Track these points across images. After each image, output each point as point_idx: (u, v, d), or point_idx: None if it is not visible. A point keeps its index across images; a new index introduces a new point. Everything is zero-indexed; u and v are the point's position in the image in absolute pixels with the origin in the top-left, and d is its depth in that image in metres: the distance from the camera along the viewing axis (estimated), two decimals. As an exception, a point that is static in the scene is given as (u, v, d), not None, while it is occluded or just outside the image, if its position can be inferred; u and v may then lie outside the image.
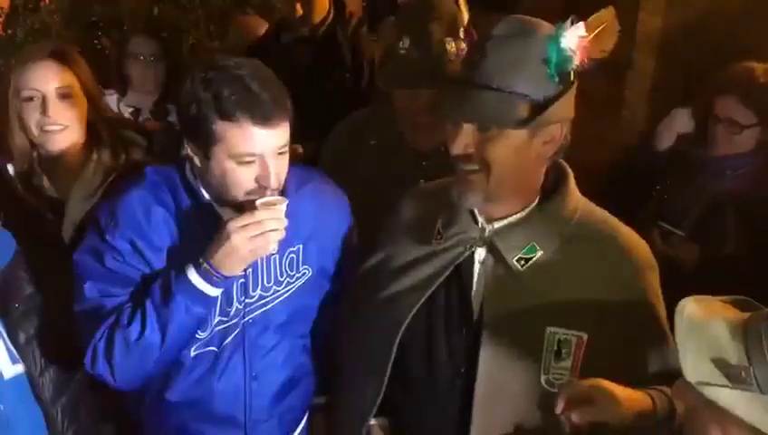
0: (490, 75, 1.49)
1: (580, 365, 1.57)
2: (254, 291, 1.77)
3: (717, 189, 2.44)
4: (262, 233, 1.55)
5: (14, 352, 1.68)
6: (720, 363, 1.10)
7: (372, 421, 1.76)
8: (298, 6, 3.13)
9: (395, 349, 1.67)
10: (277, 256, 1.77)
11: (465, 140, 1.53)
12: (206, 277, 1.59)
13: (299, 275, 1.83)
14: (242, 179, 1.62)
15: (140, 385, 1.78)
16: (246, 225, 1.54)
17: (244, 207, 1.62)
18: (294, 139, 3.08)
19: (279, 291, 1.80)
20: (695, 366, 1.12)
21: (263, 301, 1.79)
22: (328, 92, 3.12)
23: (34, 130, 2.07)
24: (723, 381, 1.09)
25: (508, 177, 1.55)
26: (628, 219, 1.71)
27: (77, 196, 2.11)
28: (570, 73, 1.51)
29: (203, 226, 1.70)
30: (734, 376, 1.09)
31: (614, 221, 1.66)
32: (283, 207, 1.59)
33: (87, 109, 2.13)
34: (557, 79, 1.49)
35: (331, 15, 3.22)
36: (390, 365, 1.68)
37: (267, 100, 1.57)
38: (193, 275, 1.59)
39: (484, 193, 1.56)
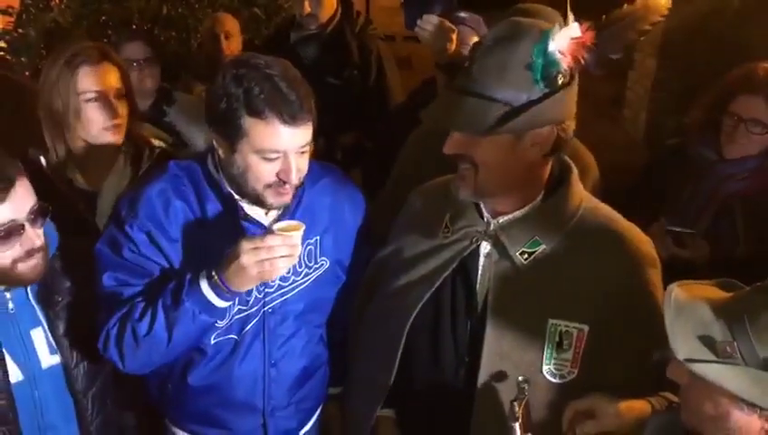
0: (474, 81, 1.53)
1: (581, 357, 1.61)
2: (273, 280, 1.80)
3: (728, 192, 2.38)
4: (270, 259, 1.57)
5: (53, 343, 1.74)
6: (706, 340, 1.18)
7: (381, 412, 1.81)
8: (307, 5, 3.17)
9: (403, 340, 1.72)
10: None
11: (454, 142, 1.58)
12: (216, 290, 1.63)
13: (317, 266, 1.87)
14: (264, 174, 1.67)
15: (154, 371, 1.83)
16: (257, 248, 1.57)
17: (266, 230, 1.66)
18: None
19: (298, 281, 1.84)
20: (683, 344, 1.19)
21: (282, 290, 1.83)
22: (336, 90, 3.15)
23: (96, 128, 2.20)
24: (710, 357, 1.16)
25: (495, 175, 1.59)
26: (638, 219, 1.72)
27: (109, 189, 2.22)
28: (557, 77, 1.51)
29: (225, 217, 1.75)
30: (720, 351, 1.16)
31: (616, 216, 1.69)
32: (298, 233, 1.61)
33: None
34: (542, 84, 1.50)
35: (339, 14, 3.26)
36: (399, 356, 1.73)
37: (295, 100, 1.62)
38: (204, 286, 1.63)
39: (472, 188, 1.61)
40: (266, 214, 1.80)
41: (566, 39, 1.49)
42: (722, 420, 1.21)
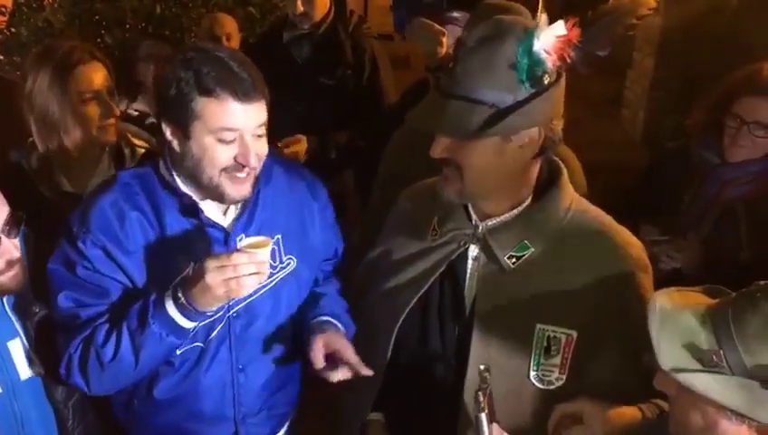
0: (458, 83, 1.49)
1: (569, 362, 1.58)
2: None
3: (731, 196, 2.35)
4: (237, 277, 1.52)
5: (32, 354, 1.70)
6: (692, 349, 1.15)
7: (370, 416, 1.79)
8: (299, 4, 3.15)
9: (392, 344, 1.70)
10: None
11: (439, 146, 1.55)
12: (183, 311, 1.57)
13: (282, 265, 1.82)
14: (220, 157, 1.61)
15: (119, 390, 1.78)
16: (223, 266, 1.51)
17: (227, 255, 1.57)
18: (298, 133, 3.09)
19: (263, 282, 1.75)
20: (668, 354, 1.16)
21: None
22: (329, 89, 3.14)
23: (94, 127, 2.22)
24: (696, 366, 1.13)
25: (483, 178, 1.56)
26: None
27: None
28: (543, 77, 1.47)
29: (184, 224, 1.70)
30: (706, 361, 1.13)
31: (608, 220, 1.66)
32: (266, 250, 1.56)
33: None
34: (528, 84, 1.46)
35: (332, 13, 3.24)
36: (387, 360, 1.70)
37: (246, 78, 1.58)
38: (170, 307, 1.57)
39: (458, 190, 1.58)
40: (224, 214, 1.74)
41: (551, 37, 1.45)
42: (710, 431, 1.18)
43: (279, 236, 1.80)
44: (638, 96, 6.15)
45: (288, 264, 1.83)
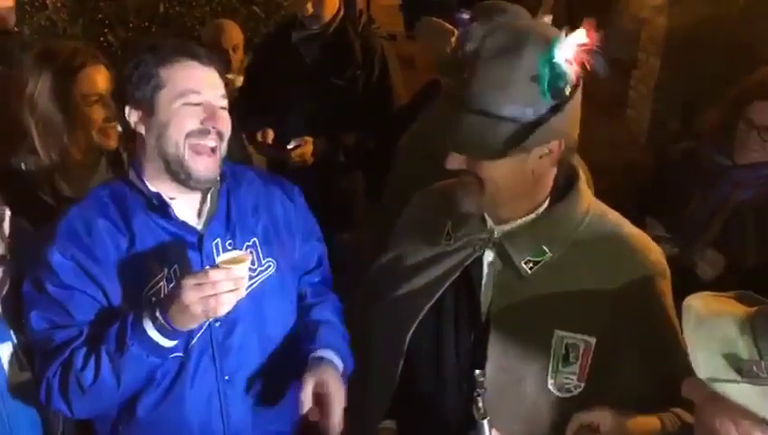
0: (477, 98, 1.46)
1: (588, 369, 1.55)
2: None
3: (740, 199, 2.35)
4: (215, 294, 1.48)
5: (23, 359, 1.68)
6: (731, 359, 1.10)
7: (382, 424, 1.76)
8: (309, 6, 3.14)
9: (405, 351, 1.67)
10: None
11: (455, 160, 1.52)
12: (161, 330, 1.54)
13: (262, 268, 1.76)
14: (187, 122, 1.63)
15: (99, 417, 1.75)
16: (200, 284, 1.48)
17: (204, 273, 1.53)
18: (307, 135, 3.09)
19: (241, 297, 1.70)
20: (705, 363, 1.12)
21: None
22: (339, 89, 3.12)
23: (96, 129, 2.23)
24: (734, 377, 1.09)
25: (502, 190, 1.53)
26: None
27: None
28: (564, 88, 1.45)
29: (155, 228, 1.68)
30: (745, 371, 1.09)
31: (626, 224, 1.63)
32: (244, 265, 1.52)
33: None
34: (549, 96, 1.43)
35: (342, 13, 3.22)
36: (400, 367, 1.68)
37: (203, 49, 1.68)
38: (149, 327, 1.54)
39: (478, 201, 1.55)
40: (198, 216, 1.72)
41: (572, 47, 1.41)
42: None
43: (255, 240, 1.76)
44: (644, 96, 6.14)
45: (268, 266, 1.77)
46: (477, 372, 1.48)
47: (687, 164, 2.49)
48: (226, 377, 1.73)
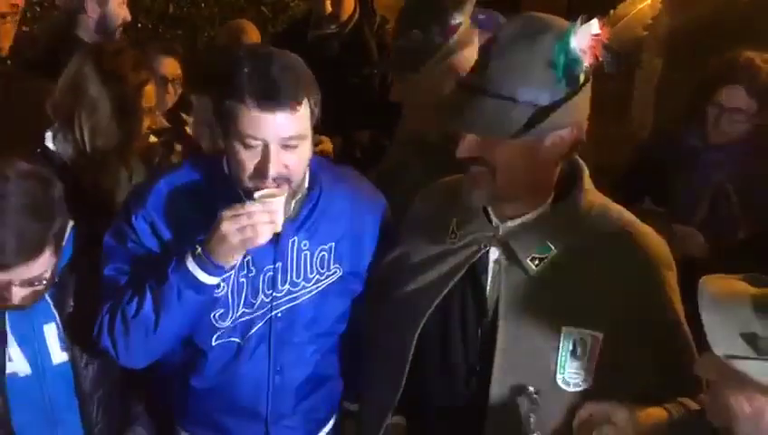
0: (493, 81, 1.47)
1: (596, 364, 1.57)
2: (282, 285, 1.78)
3: (719, 178, 2.45)
4: (252, 224, 1.55)
5: (66, 340, 1.75)
6: (747, 337, 1.15)
7: (391, 420, 1.78)
8: (328, 5, 3.17)
9: (413, 348, 1.68)
10: (308, 253, 1.79)
11: (468, 145, 1.53)
12: (200, 263, 1.60)
13: (329, 273, 1.83)
14: (244, 163, 1.62)
15: (159, 374, 1.85)
16: (237, 215, 1.55)
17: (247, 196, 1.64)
18: (323, 133, 3.14)
19: (308, 287, 1.81)
20: (723, 340, 1.16)
21: (291, 296, 1.80)
22: (355, 88, 3.16)
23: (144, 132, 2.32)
24: (752, 354, 1.14)
25: (514, 178, 1.54)
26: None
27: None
28: (579, 75, 1.48)
29: None
30: (762, 348, 1.13)
31: (631, 218, 1.64)
32: (279, 199, 1.59)
33: None
34: (565, 82, 1.46)
35: (357, 13, 3.26)
36: (408, 365, 1.69)
37: (281, 86, 1.57)
38: (189, 260, 1.60)
39: (489, 192, 1.56)
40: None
41: (586, 36, 1.45)
42: (756, 418, 1.19)
43: (332, 244, 1.82)
44: (647, 96, 6.14)
45: (335, 272, 1.84)
46: (531, 389, 1.52)
47: (664, 146, 2.57)
48: (278, 367, 1.83)
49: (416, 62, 2.13)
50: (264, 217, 1.55)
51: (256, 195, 1.59)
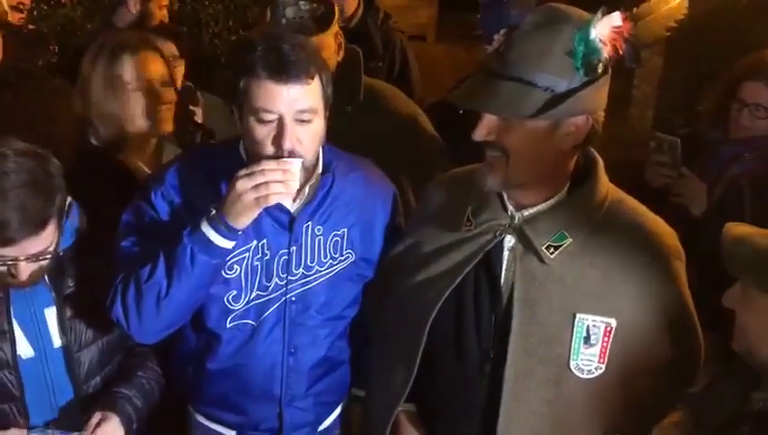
0: (513, 65, 1.50)
1: (609, 351, 1.59)
2: (296, 269, 1.80)
3: (735, 171, 2.47)
4: (265, 182, 1.56)
5: (65, 324, 1.76)
6: None
7: (402, 407, 1.80)
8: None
9: (425, 336, 1.70)
10: (322, 238, 1.81)
11: (486, 127, 1.55)
12: (214, 225, 1.61)
13: (342, 258, 1.85)
14: (260, 138, 1.64)
15: (175, 354, 1.91)
16: (252, 173, 1.57)
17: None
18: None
19: (321, 271, 1.83)
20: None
21: (305, 279, 1.82)
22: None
23: (149, 117, 2.22)
24: None
25: (527, 164, 1.56)
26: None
27: None
28: (598, 65, 1.49)
29: None
30: None
31: (643, 209, 1.67)
32: (297, 160, 1.60)
33: None
34: (582, 71, 1.48)
35: (362, 7, 3.31)
36: (421, 352, 1.71)
37: (292, 60, 1.59)
38: (203, 222, 1.62)
39: (502, 177, 1.58)
40: (293, 199, 1.75)
41: (607, 27, 1.47)
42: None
43: (345, 230, 1.84)
44: (647, 94, 6.17)
45: (347, 257, 1.86)
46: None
47: (687, 148, 2.59)
48: (292, 349, 1.85)
49: (318, 29, 2.32)
50: (277, 174, 1.56)
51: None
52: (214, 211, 1.61)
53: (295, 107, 1.62)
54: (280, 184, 1.57)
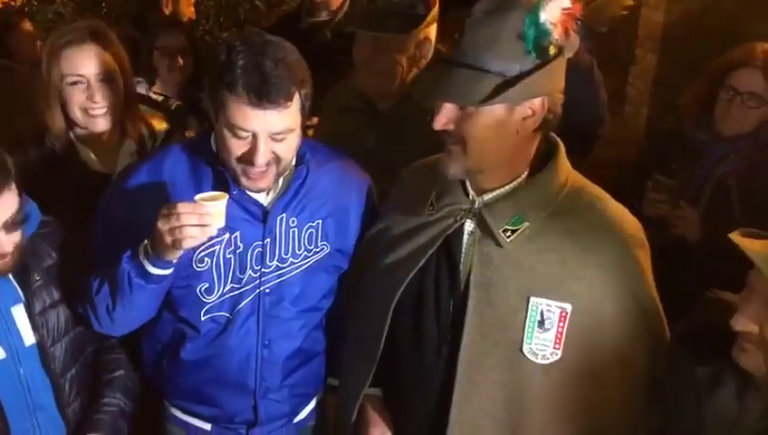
0: (466, 53, 1.52)
1: (565, 338, 1.59)
2: (270, 261, 1.80)
3: (723, 171, 2.44)
4: (180, 226, 1.53)
5: (35, 321, 1.74)
6: None
7: (367, 392, 1.81)
8: None
9: (389, 320, 1.72)
10: (296, 229, 1.82)
11: (444, 117, 1.57)
12: (146, 254, 1.61)
13: (317, 249, 1.86)
14: (233, 149, 1.65)
15: (148, 346, 1.93)
16: (168, 214, 1.54)
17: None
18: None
19: (296, 263, 1.84)
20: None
21: (279, 271, 1.82)
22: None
23: (78, 113, 2.13)
24: None
25: (486, 151, 1.58)
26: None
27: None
28: (549, 48, 1.51)
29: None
30: None
31: (604, 196, 1.67)
32: (216, 203, 1.56)
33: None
34: (534, 54, 1.49)
35: (348, 1, 3.35)
36: (384, 335, 1.72)
37: (273, 81, 1.57)
38: (140, 249, 1.62)
39: (462, 165, 1.60)
40: (267, 194, 1.79)
41: (557, 9, 1.49)
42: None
43: (319, 222, 1.85)
44: (641, 92, 6.15)
45: (322, 249, 1.87)
46: None
47: (673, 143, 2.57)
48: (266, 342, 1.85)
49: (402, 28, 2.19)
50: (192, 219, 1.53)
51: (196, 197, 1.59)
52: (147, 242, 1.61)
53: (271, 130, 1.63)
54: (195, 228, 1.54)
